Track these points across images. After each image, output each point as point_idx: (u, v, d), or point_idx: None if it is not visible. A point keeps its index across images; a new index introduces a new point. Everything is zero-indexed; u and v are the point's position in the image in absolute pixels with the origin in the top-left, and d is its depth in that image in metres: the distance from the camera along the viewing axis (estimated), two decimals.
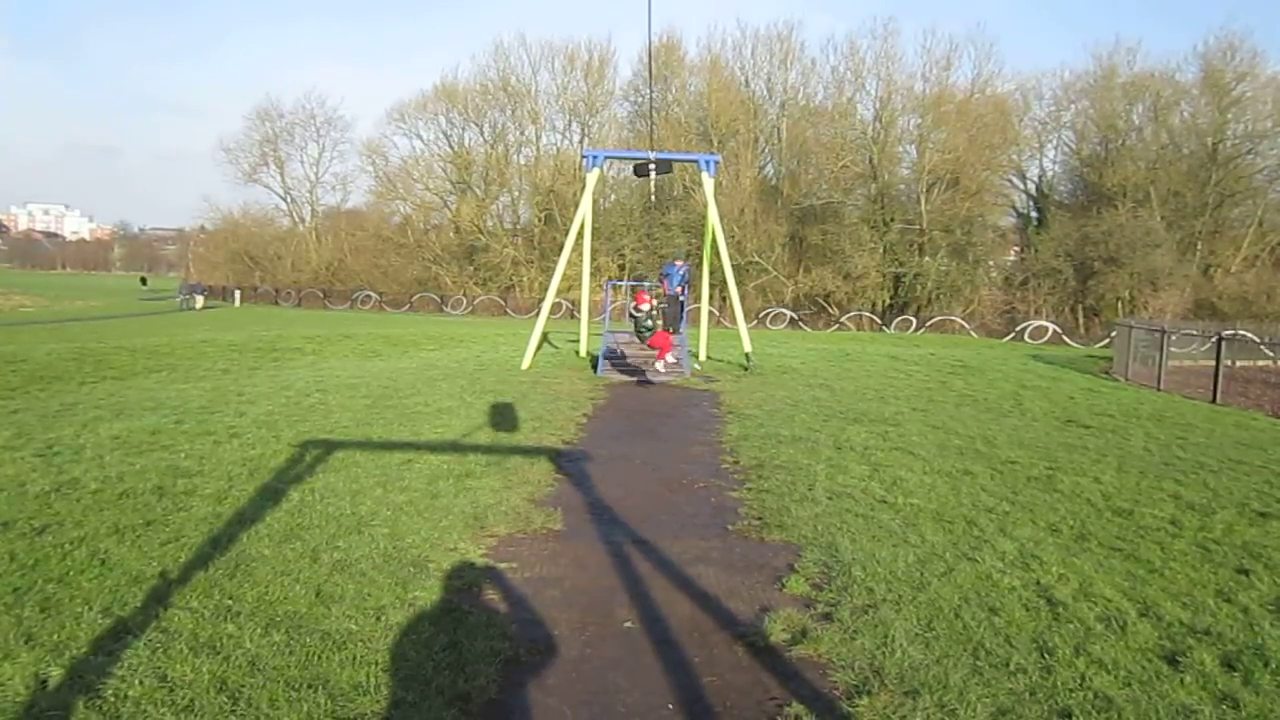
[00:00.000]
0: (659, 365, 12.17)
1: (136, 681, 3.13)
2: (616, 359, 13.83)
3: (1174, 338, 16.44)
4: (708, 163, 16.02)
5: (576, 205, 18.91)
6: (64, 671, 3.18)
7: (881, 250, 41.61)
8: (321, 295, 49.06)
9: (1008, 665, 3.50)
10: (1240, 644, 3.77)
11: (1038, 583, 4.49)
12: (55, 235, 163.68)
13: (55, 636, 3.44)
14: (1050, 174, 45.67)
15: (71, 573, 4.14)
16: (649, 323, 12.72)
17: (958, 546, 5.10)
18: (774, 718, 3.13)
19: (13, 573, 4.11)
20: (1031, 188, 45.65)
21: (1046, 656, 3.59)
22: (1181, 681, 3.40)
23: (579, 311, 18.76)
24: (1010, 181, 45.53)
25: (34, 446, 6.95)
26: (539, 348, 15.70)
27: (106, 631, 3.53)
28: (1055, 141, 45.14)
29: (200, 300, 44.88)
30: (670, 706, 3.22)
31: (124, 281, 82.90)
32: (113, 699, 3.01)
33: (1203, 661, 3.56)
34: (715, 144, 42.12)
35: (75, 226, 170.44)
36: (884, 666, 3.48)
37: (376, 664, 3.36)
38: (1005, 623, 3.94)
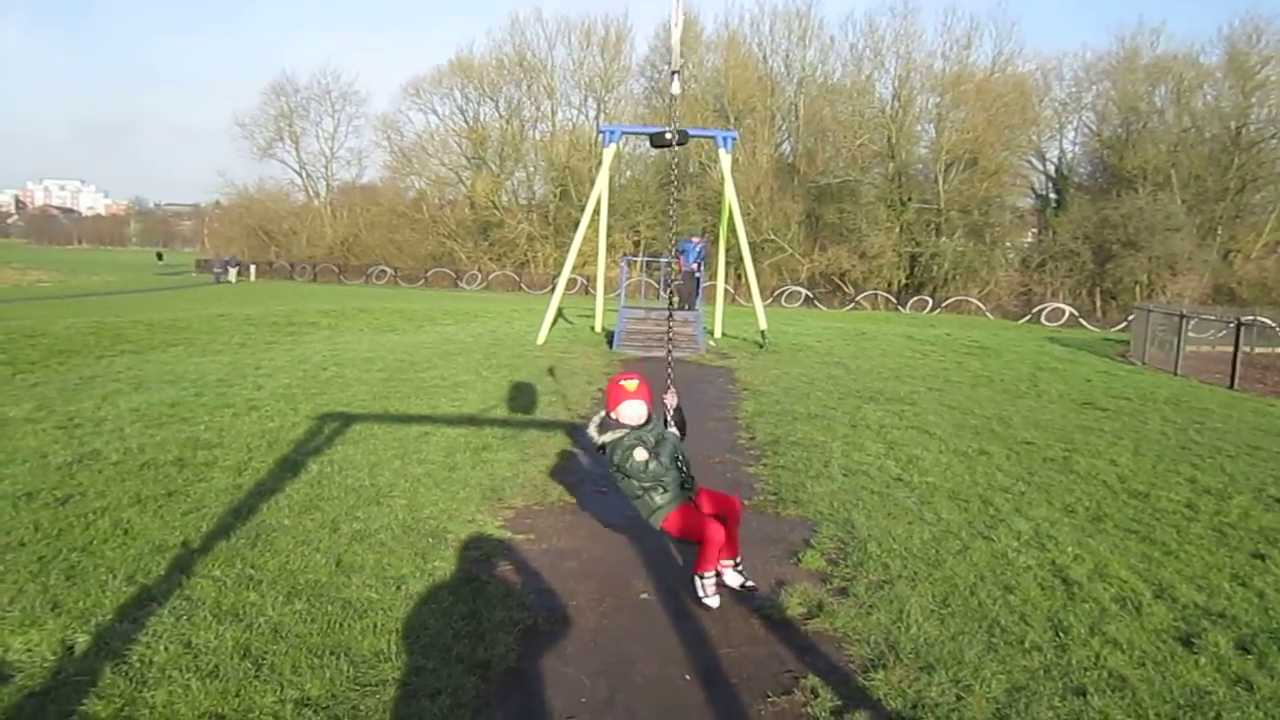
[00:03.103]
0: (707, 586, 3.90)
1: (162, 648, 3.18)
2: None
3: (1192, 322, 16.27)
4: (725, 139, 15.88)
5: (592, 181, 18.87)
6: (90, 638, 3.24)
7: (898, 230, 41.28)
8: (336, 270, 49.16)
9: (1023, 643, 3.52)
10: (1255, 627, 3.77)
11: (1053, 562, 4.49)
12: (71, 211, 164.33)
13: (81, 604, 3.50)
14: (1070, 155, 45.10)
15: (95, 542, 4.21)
16: (648, 466, 4.00)
17: (973, 525, 5.11)
18: (790, 690, 3.15)
19: (38, 542, 4.18)
20: (1051, 169, 45.03)
21: (1061, 635, 3.60)
22: (1196, 663, 3.40)
23: (594, 287, 18.76)
24: (1029, 162, 44.99)
25: (55, 419, 7.04)
26: (554, 323, 15.72)
27: (131, 599, 3.59)
28: (1075, 123, 44.47)
29: (234, 273, 45.23)
30: (687, 677, 3.25)
31: (140, 256, 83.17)
32: (139, 664, 3.07)
33: (1217, 644, 3.56)
34: (732, 121, 41.77)
35: (91, 202, 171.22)
36: (899, 641, 3.50)
37: (397, 632, 3.41)
38: (1020, 601, 3.95)
